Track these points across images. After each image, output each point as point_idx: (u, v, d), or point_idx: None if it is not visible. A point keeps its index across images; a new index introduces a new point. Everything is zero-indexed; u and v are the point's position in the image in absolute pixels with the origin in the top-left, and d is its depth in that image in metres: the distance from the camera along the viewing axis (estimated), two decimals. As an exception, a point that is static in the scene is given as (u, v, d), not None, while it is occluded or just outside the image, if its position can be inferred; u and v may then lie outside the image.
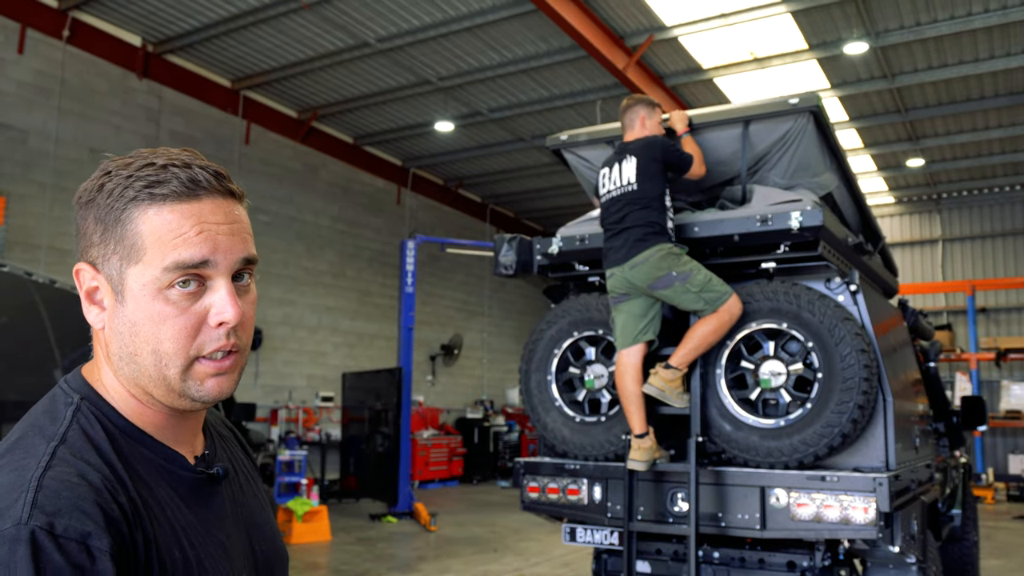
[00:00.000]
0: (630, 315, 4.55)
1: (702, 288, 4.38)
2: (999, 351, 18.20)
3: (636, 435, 4.44)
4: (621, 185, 4.63)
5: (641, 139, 4.72)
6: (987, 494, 16.63)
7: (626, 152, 4.70)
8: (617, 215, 4.62)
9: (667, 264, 4.43)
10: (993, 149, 17.61)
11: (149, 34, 13.09)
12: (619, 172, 4.66)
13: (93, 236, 1.13)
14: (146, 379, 1.13)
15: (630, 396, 4.46)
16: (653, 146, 4.62)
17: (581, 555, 9.69)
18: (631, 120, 4.84)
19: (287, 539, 10.54)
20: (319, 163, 17.02)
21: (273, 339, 15.63)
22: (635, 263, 4.48)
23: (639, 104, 4.87)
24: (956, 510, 7.41)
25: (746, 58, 13.30)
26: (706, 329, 4.38)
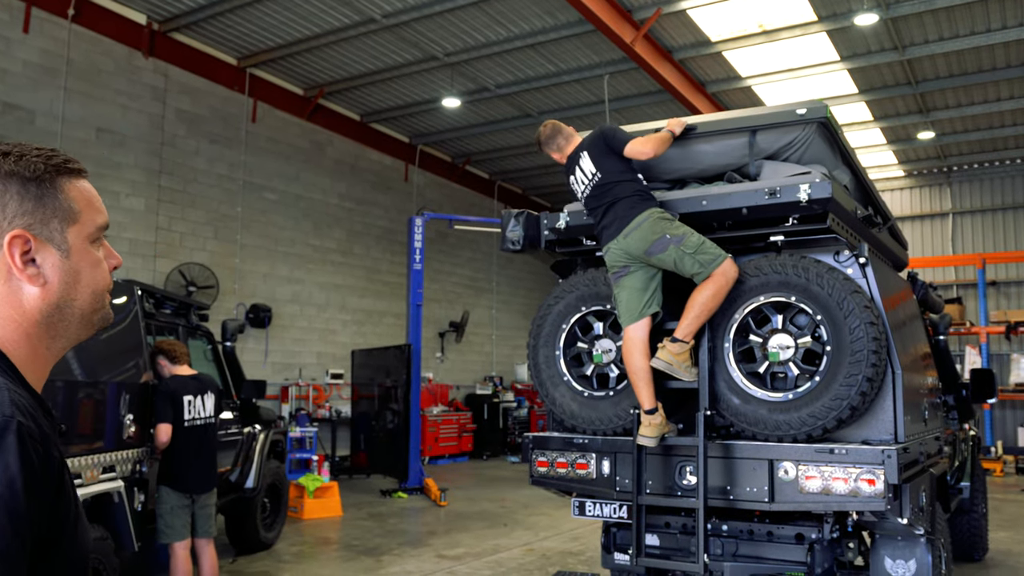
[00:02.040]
0: (632, 290, 4.55)
1: (696, 250, 4.40)
2: (1009, 324, 18.13)
3: (646, 411, 4.45)
4: (589, 181, 4.78)
5: (585, 136, 4.95)
6: (996, 467, 16.64)
7: (578, 152, 4.90)
8: (599, 200, 4.73)
9: (660, 227, 4.46)
10: (1005, 121, 17.43)
11: (155, 12, 13.04)
12: (582, 172, 4.83)
13: (24, 206, 1.29)
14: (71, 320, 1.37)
15: (638, 371, 4.47)
16: (595, 133, 4.88)
17: (590, 529, 9.75)
18: (565, 138, 5.05)
19: (299, 515, 10.64)
20: (326, 140, 16.99)
21: (282, 317, 15.69)
22: (628, 231, 4.51)
23: (559, 126, 5.11)
24: (965, 482, 7.43)
25: (755, 31, 13.17)
26: (705, 295, 4.39)
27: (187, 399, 6.02)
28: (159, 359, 6.16)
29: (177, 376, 6.12)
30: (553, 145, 5.07)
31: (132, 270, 12.76)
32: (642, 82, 15.05)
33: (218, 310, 13.54)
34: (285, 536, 9.32)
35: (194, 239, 14.09)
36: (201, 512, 6.07)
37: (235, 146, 14.90)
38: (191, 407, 6.04)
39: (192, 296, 13.06)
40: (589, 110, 16.49)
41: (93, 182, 1.45)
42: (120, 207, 12.83)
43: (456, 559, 8.42)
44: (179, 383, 6.06)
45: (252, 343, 14.92)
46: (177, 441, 5.88)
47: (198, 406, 6.10)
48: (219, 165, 14.61)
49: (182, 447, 5.91)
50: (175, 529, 5.83)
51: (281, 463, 9.52)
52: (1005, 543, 9.36)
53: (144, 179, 13.29)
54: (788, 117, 4.63)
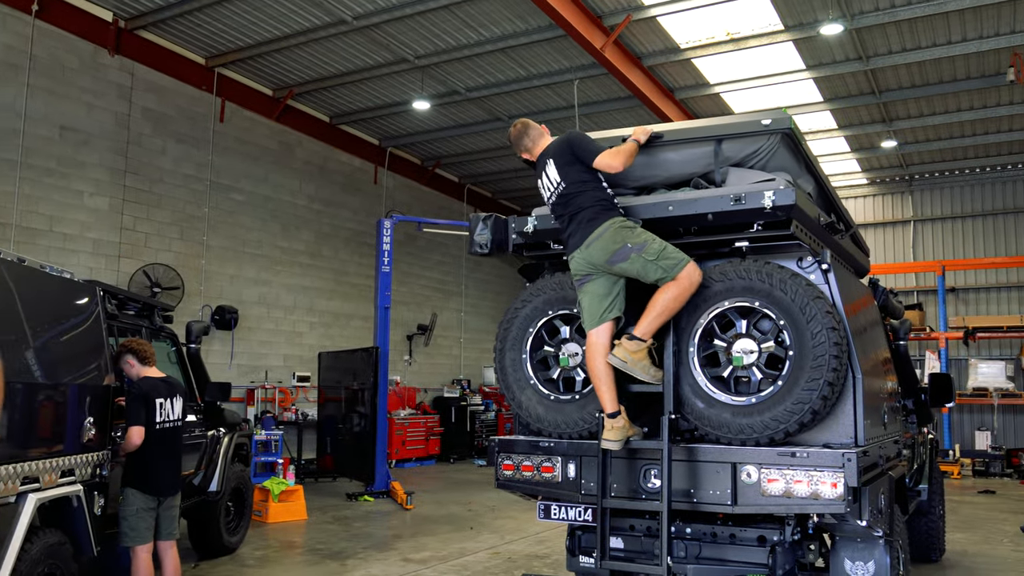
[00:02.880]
0: (594, 295, 4.59)
1: (658, 256, 4.45)
2: (967, 330, 18.52)
3: (608, 414, 4.48)
4: (554, 189, 4.78)
5: (552, 141, 4.93)
6: (954, 469, 16.96)
7: (544, 158, 4.88)
8: (563, 208, 4.75)
9: (621, 237, 4.50)
10: (964, 131, 17.79)
11: (121, 9, 12.87)
12: (547, 178, 4.83)
13: None
14: None
15: (600, 375, 4.50)
16: (562, 141, 4.84)
17: (557, 532, 9.78)
18: (533, 138, 5.03)
19: (263, 518, 10.55)
20: (295, 142, 16.88)
21: (249, 319, 15.55)
22: (590, 241, 4.55)
23: (530, 124, 5.08)
24: (923, 485, 7.58)
25: (723, 38, 13.32)
26: (667, 296, 4.44)
27: (159, 401, 5.97)
28: (128, 359, 6.10)
29: (149, 378, 6.07)
30: (520, 146, 5.08)
31: (95, 271, 12.58)
32: (612, 87, 15.14)
33: (183, 311, 13.38)
34: (249, 540, 9.24)
35: (159, 240, 13.92)
36: (165, 514, 6.01)
37: (202, 146, 14.74)
38: (162, 409, 5.99)
39: (157, 297, 12.90)
40: (559, 114, 16.55)
41: (56, 181, 1.40)
42: (84, 206, 12.65)
43: (422, 563, 8.40)
44: (151, 385, 6.01)
45: (218, 345, 14.77)
46: (148, 443, 5.82)
47: (168, 408, 6.06)
48: (186, 165, 14.45)
49: (152, 449, 5.85)
50: (139, 532, 5.76)
51: (246, 466, 9.44)
52: (961, 544, 9.54)
53: (108, 178, 13.11)
54: (753, 127, 4.70)
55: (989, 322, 18.93)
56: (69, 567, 5.19)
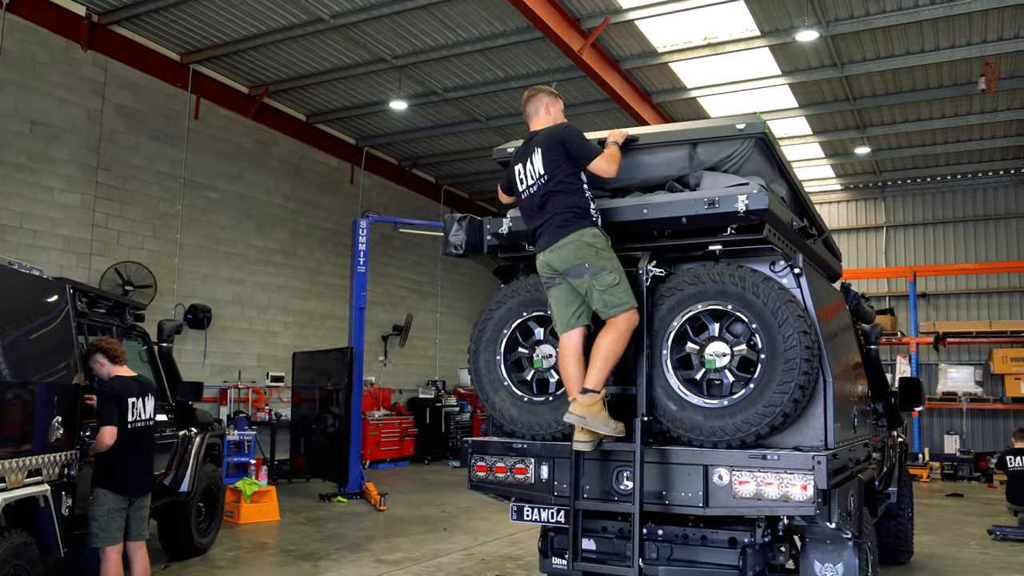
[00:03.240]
0: (559, 301, 4.61)
1: (606, 289, 4.44)
2: (938, 335, 18.77)
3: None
4: (534, 179, 4.71)
5: (545, 128, 4.82)
6: (923, 473, 17.17)
7: (533, 144, 4.78)
8: (538, 204, 4.69)
9: (583, 254, 4.48)
10: (936, 139, 18.04)
11: (94, 4, 12.73)
12: (531, 166, 4.74)
13: None
14: None
15: (573, 378, 4.51)
16: (555, 134, 4.70)
17: (530, 534, 9.78)
18: (535, 108, 4.96)
19: (235, 519, 10.46)
20: (271, 140, 16.77)
21: (222, 318, 15.42)
22: (555, 247, 4.55)
23: (542, 92, 4.98)
24: (892, 488, 7.66)
25: (700, 43, 13.41)
26: (605, 344, 4.43)
27: (131, 401, 5.90)
28: (98, 357, 6.02)
29: (120, 377, 6.00)
30: (526, 113, 5.02)
31: (66, 268, 12.42)
32: (589, 90, 15.18)
33: (155, 310, 13.25)
34: (220, 541, 9.16)
35: (132, 237, 13.77)
36: (136, 515, 5.95)
37: (176, 143, 14.61)
38: (134, 409, 5.92)
39: (129, 296, 12.76)
40: (536, 117, 16.55)
41: (26, 176, 1.36)
42: (54, 203, 12.48)
43: (395, 564, 8.37)
44: (123, 384, 5.94)
45: (190, 344, 14.63)
46: (119, 443, 5.75)
47: (140, 408, 5.99)
48: (159, 162, 14.31)
49: (124, 449, 5.78)
50: (110, 533, 5.69)
51: (218, 467, 9.36)
52: (929, 546, 9.65)
53: (80, 175, 12.95)
54: (728, 131, 4.72)
55: (959, 327, 19.19)
56: (35, 568, 5.11)
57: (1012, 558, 9.13)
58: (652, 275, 4.63)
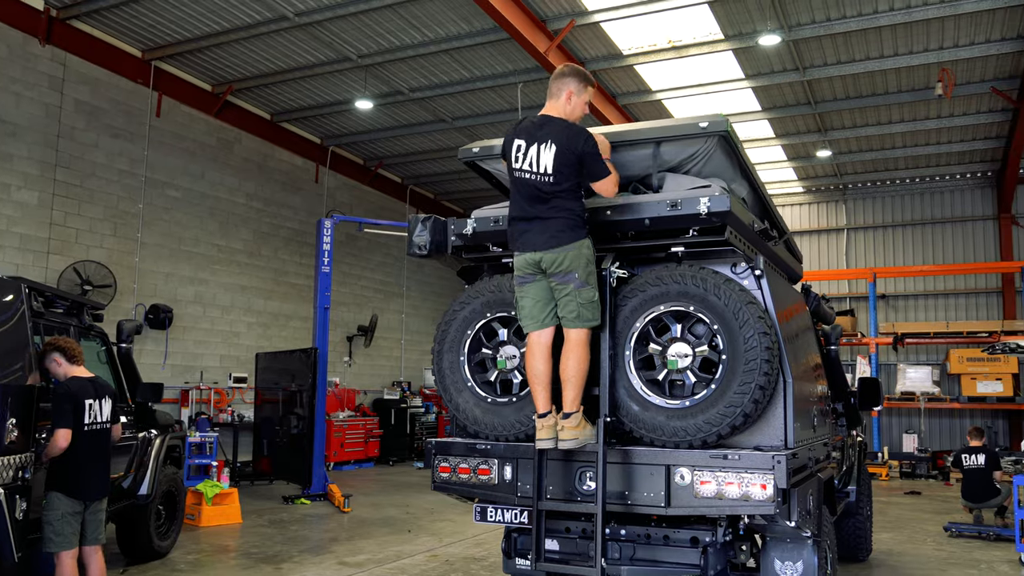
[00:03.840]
0: (536, 299, 4.58)
1: (582, 304, 4.46)
2: (896, 335, 19.09)
3: (539, 414, 4.49)
4: (537, 172, 4.51)
5: (563, 122, 4.59)
6: (882, 471, 17.44)
7: (548, 134, 4.52)
8: (532, 200, 4.56)
9: (578, 264, 4.46)
10: (896, 143, 18.36)
11: (52, -2, 12.52)
12: (536, 156, 4.51)
13: None
14: None
15: (539, 376, 4.51)
16: (576, 145, 4.45)
17: (494, 534, 9.78)
18: (558, 89, 4.68)
19: (196, 522, 10.33)
20: (234, 138, 16.59)
21: (184, 318, 15.22)
22: (552, 250, 4.46)
23: (572, 76, 4.68)
24: (851, 486, 7.78)
25: (665, 46, 13.51)
26: (576, 364, 4.45)
27: (88, 402, 5.78)
28: (54, 356, 5.89)
29: (77, 378, 5.87)
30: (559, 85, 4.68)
31: (22, 267, 12.18)
32: (555, 92, 15.18)
33: (115, 310, 13.04)
34: (181, 544, 9.04)
35: (91, 236, 13.54)
36: (92, 519, 5.84)
37: (138, 141, 14.39)
38: (91, 411, 5.80)
39: (87, 295, 12.55)
40: (503, 117, 16.59)
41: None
42: (11, 200, 12.24)
43: (358, 566, 8.32)
44: (79, 385, 5.81)
45: (151, 345, 14.42)
46: (75, 446, 5.64)
47: (96, 410, 5.87)
48: (120, 160, 14.09)
49: (79, 452, 5.67)
50: (65, 537, 5.58)
51: (179, 469, 9.23)
52: (888, 544, 9.82)
53: (38, 172, 12.70)
54: (691, 130, 4.75)
55: (917, 328, 19.53)
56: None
57: (967, 554, 9.32)
58: (616, 276, 4.65)
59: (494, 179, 5.65)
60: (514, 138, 4.67)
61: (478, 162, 5.45)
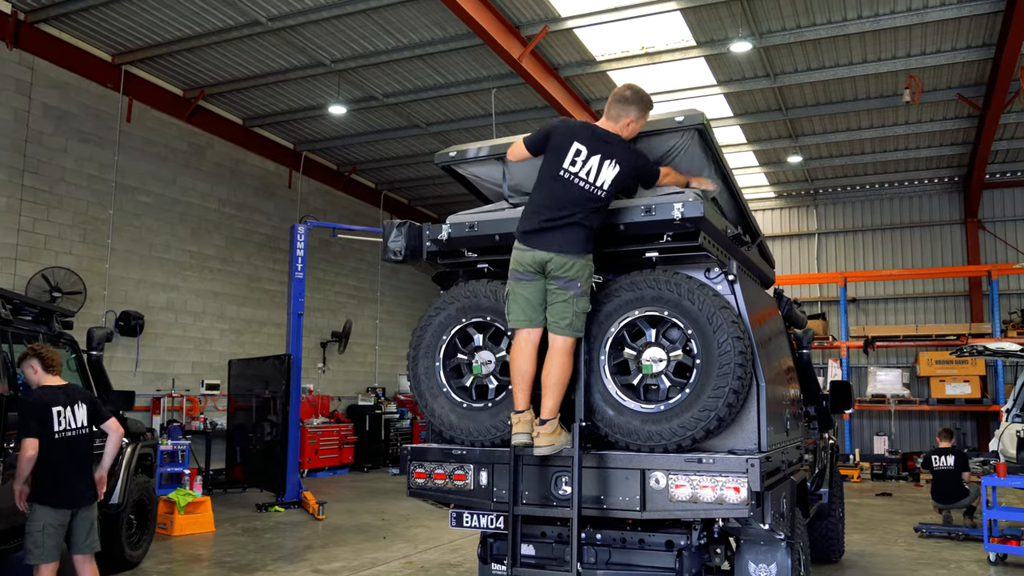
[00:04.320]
0: (530, 299, 4.58)
1: (575, 314, 4.49)
2: (867, 339, 19.33)
3: (516, 411, 4.51)
4: (590, 182, 4.49)
5: (626, 146, 4.60)
6: (853, 473, 17.63)
7: (614, 152, 4.53)
8: (571, 204, 4.50)
9: (582, 274, 4.50)
10: (865, 148, 18.61)
11: (21, 1, 12.34)
12: (597, 169, 4.50)
13: None
14: None
15: (524, 375, 4.51)
16: (640, 164, 4.60)
17: (470, 540, 9.76)
18: (618, 114, 4.64)
19: (168, 531, 10.21)
20: (206, 143, 16.46)
21: (155, 325, 15.06)
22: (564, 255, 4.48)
23: (635, 105, 4.64)
24: (824, 488, 7.85)
25: (638, 52, 13.60)
26: (558, 372, 4.47)
27: (56, 410, 5.67)
28: (32, 363, 5.80)
29: (46, 387, 5.76)
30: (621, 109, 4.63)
31: (-11, 273, 12.00)
32: (529, 97, 15.27)
33: (85, 317, 12.88)
34: (153, 554, 8.93)
35: (60, 242, 13.37)
36: (80, 526, 5.71)
37: (107, 146, 14.23)
38: (61, 418, 5.70)
39: (57, 302, 12.38)
40: (477, 122, 16.61)
41: None
42: (-23, 206, 12.06)
43: (333, 574, 8.27)
44: (47, 394, 5.71)
45: (122, 352, 14.25)
46: (51, 454, 5.55)
47: (69, 416, 5.76)
48: (89, 165, 13.92)
49: (55, 461, 5.58)
50: (45, 550, 5.47)
51: (150, 477, 9.12)
52: (860, 545, 9.92)
53: (6, 177, 12.52)
54: (667, 124, 4.76)
55: (887, 331, 19.79)
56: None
57: (936, 554, 9.45)
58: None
59: (469, 184, 5.65)
60: (573, 140, 4.60)
61: (454, 167, 5.44)
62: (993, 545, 8.81)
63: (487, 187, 5.57)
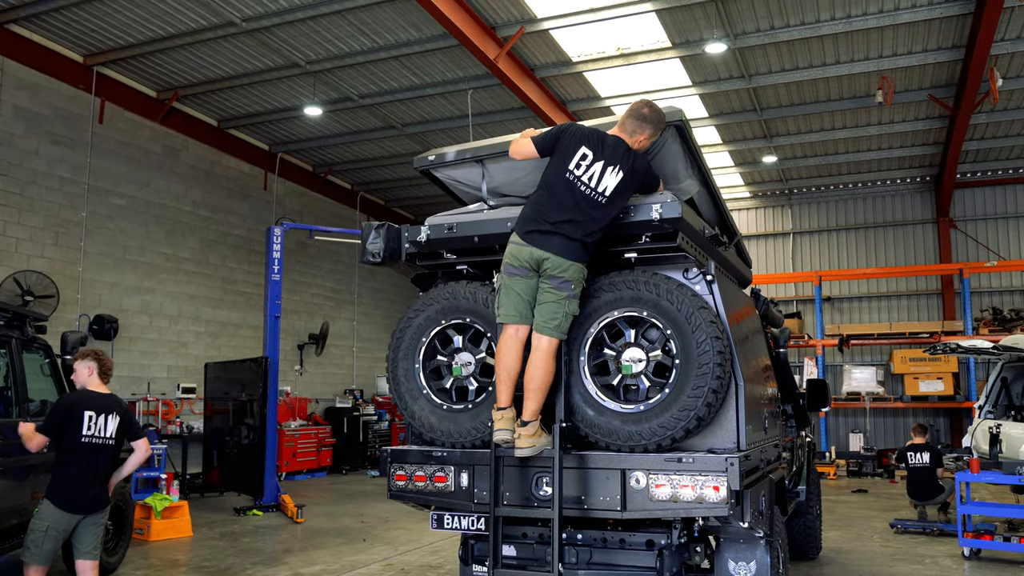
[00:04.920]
0: (522, 295, 4.57)
1: (565, 315, 4.50)
2: (842, 337, 19.51)
3: (498, 407, 4.51)
4: (593, 189, 4.51)
5: (633, 156, 4.60)
6: (830, 470, 17.80)
7: (616, 161, 4.55)
8: (573, 208, 4.51)
9: (576, 277, 4.52)
10: (839, 148, 18.79)
11: (-11, 1, 12.18)
12: (600, 175, 4.52)
13: None
14: None
15: (510, 371, 4.51)
16: (643, 172, 4.61)
17: (450, 542, 9.75)
18: (633, 130, 4.65)
19: (145, 536, 10.11)
20: (180, 145, 16.31)
21: (130, 328, 14.90)
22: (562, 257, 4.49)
23: (652, 124, 4.66)
24: (801, 486, 7.93)
25: (613, 53, 13.65)
26: (541, 374, 4.47)
27: (88, 414, 5.61)
28: (88, 363, 5.78)
29: (86, 391, 5.75)
30: (636, 124, 4.64)
31: (-41, 278, 11.82)
32: (505, 98, 15.28)
33: (58, 321, 12.72)
34: (129, 560, 8.84)
35: (32, 245, 13.19)
36: (88, 531, 5.60)
37: (80, 148, 14.06)
38: (91, 423, 5.61)
39: (28, 306, 12.21)
40: (453, 123, 16.59)
41: None
42: (-54, 209, 11.87)
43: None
44: (83, 397, 5.69)
45: (95, 356, 14.06)
46: (73, 457, 5.50)
47: (100, 424, 5.66)
48: (61, 167, 13.75)
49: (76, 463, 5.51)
50: (41, 551, 5.38)
51: (126, 482, 9.02)
52: (837, 542, 10.02)
53: (-25, 180, 12.35)
54: None
55: (861, 330, 19.99)
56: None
57: (912, 550, 9.56)
58: None
59: (446, 187, 5.64)
60: (581, 144, 4.62)
61: (432, 171, 5.43)
62: (967, 540, 8.93)
63: (465, 190, 5.57)
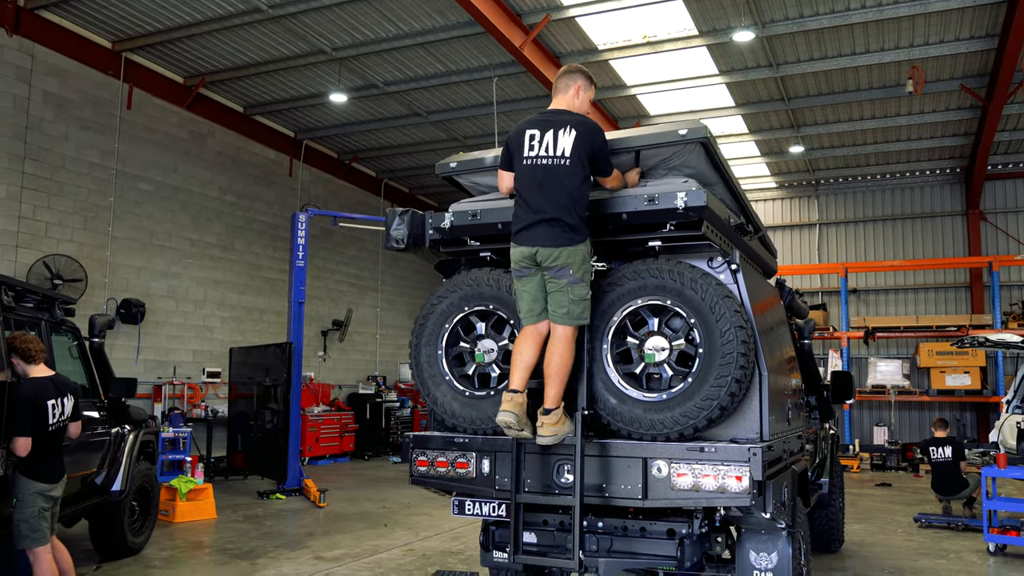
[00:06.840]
0: (529, 296, 4.58)
1: (572, 301, 4.47)
2: (867, 330, 19.34)
3: (510, 388, 4.49)
4: (553, 156, 4.52)
5: (579, 115, 4.68)
6: (853, 463, 17.67)
7: (566, 121, 4.58)
8: (542, 185, 4.51)
9: (572, 260, 4.47)
10: (867, 139, 18.57)
11: (20, -12, 12.31)
12: (553, 140, 4.54)
13: None
14: None
15: (524, 360, 4.52)
16: (594, 135, 4.56)
17: (471, 528, 9.79)
18: (566, 85, 4.81)
19: (170, 518, 10.25)
20: (207, 131, 16.42)
21: (156, 313, 15.07)
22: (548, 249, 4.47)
23: (580, 73, 4.84)
24: (824, 478, 7.88)
25: (640, 41, 13.56)
26: (560, 360, 4.46)
27: (51, 403, 5.62)
28: (12, 358, 5.70)
29: (36, 379, 5.68)
30: (566, 82, 4.81)
31: (-10, 261, 12.00)
32: (530, 86, 15.23)
33: (87, 304, 12.89)
34: (155, 540, 8.97)
35: (61, 230, 13.36)
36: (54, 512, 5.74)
37: (108, 133, 14.20)
38: (54, 411, 5.66)
39: (58, 290, 12.38)
40: (478, 111, 16.57)
41: None
42: (-22, 193, 12.05)
43: (335, 561, 8.30)
44: (39, 387, 5.63)
45: (123, 340, 14.26)
46: (41, 445, 5.55)
47: (60, 408, 5.73)
48: (90, 153, 13.90)
49: (44, 449, 5.58)
50: (41, 533, 5.47)
51: (152, 464, 9.15)
52: (859, 535, 9.95)
53: (6, 164, 12.50)
54: (671, 138, 4.72)
55: (887, 322, 19.80)
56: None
57: (936, 544, 9.48)
58: (594, 270, 4.67)
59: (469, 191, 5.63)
60: (525, 129, 4.68)
61: (455, 176, 5.43)
62: (993, 536, 8.83)
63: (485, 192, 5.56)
